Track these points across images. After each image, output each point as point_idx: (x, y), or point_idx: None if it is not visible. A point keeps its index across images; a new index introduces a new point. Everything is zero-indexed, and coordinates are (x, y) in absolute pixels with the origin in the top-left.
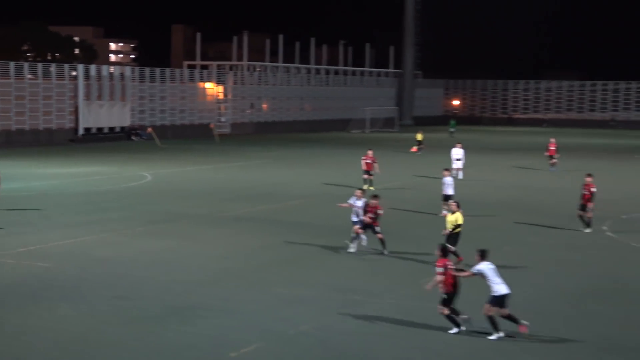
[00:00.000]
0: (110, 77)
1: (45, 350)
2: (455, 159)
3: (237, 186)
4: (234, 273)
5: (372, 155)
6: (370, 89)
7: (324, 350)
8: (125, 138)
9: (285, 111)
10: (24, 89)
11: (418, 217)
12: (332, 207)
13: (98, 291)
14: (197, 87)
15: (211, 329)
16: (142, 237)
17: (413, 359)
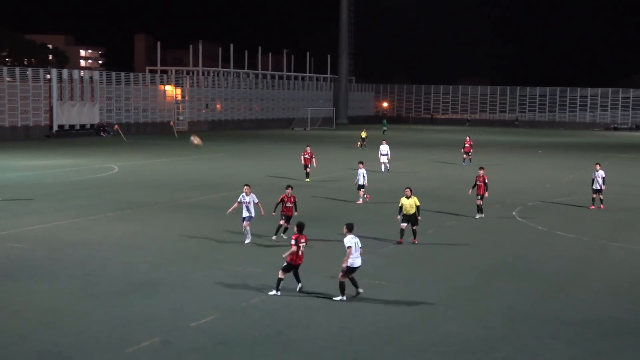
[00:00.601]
0: (81, 80)
1: (21, 322)
2: (381, 154)
3: (193, 177)
4: (190, 253)
5: (310, 151)
6: (311, 92)
7: (271, 320)
8: (94, 134)
9: (236, 111)
10: (4, 90)
11: (342, 204)
12: (276, 195)
13: (69, 270)
14: (158, 89)
15: (171, 303)
16: (109, 222)
17: (348, 327)
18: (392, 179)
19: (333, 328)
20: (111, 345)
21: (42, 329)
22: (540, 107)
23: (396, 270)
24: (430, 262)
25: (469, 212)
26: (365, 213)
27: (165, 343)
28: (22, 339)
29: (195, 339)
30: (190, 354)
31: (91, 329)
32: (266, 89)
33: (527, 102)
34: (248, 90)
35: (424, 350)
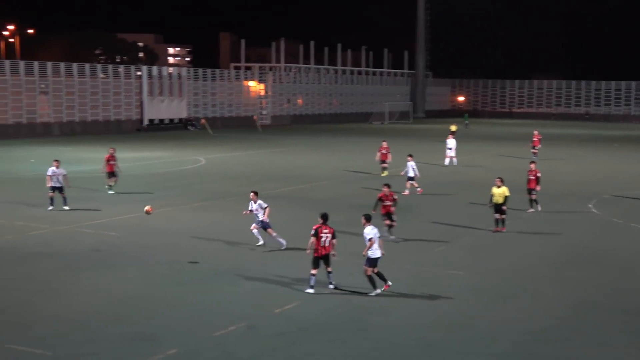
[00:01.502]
0: (169, 76)
1: (116, 305)
2: (447, 147)
3: (275, 169)
4: (273, 242)
5: (386, 145)
6: (388, 87)
7: (351, 307)
8: (182, 128)
9: (316, 105)
10: (98, 86)
11: (416, 197)
12: (353, 187)
13: (158, 257)
14: (242, 85)
15: (256, 290)
16: (196, 211)
17: (424, 314)
18: (457, 173)
19: (409, 315)
20: (200, 328)
21: (135, 312)
22: (616, 101)
23: (471, 260)
24: (505, 252)
25: (542, 205)
26: (442, 204)
27: (251, 328)
28: (117, 321)
29: (279, 324)
30: (274, 339)
31: (181, 312)
32: (345, 84)
33: (603, 96)
34: (328, 86)
35: (497, 338)
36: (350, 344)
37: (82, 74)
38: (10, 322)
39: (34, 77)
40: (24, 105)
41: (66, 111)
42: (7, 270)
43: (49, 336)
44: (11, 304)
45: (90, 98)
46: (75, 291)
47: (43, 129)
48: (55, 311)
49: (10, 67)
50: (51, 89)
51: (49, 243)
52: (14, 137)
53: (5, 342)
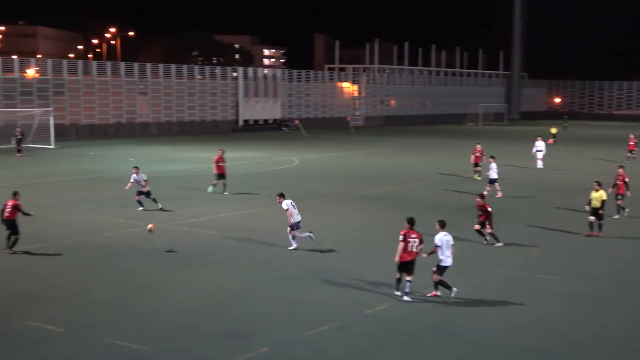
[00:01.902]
0: (265, 77)
1: (210, 302)
2: (536, 150)
3: (367, 170)
4: (365, 242)
5: (480, 148)
6: (482, 88)
7: (442, 310)
8: (276, 128)
9: (409, 107)
10: (195, 87)
11: (511, 201)
12: (446, 189)
13: (253, 255)
14: (336, 86)
15: (348, 290)
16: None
17: (517, 319)
18: (546, 176)
19: (502, 319)
20: (292, 327)
21: (229, 309)
22: None
23: (566, 265)
24: (600, 257)
25: (635, 210)
26: (534, 207)
27: (342, 328)
28: (211, 318)
29: (370, 325)
30: (365, 339)
31: (273, 311)
32: (439, 86)
33: None
34: (421, 87)
35: (592, 344)
36: (444, 347)
37: (180, 75)
38: (110, 317)
39: (134, 77)
40: (124, 106)
41: (164, 111)
42: (107, 266)
43: (146, 331)
44: (111, 299)
45: (188, 99)
46: (171, 288)
47: (142, 128)
48: (152, 307)
49: (111, 68)
50: (150, 89)
51: (147, 240)
52: (114, 136)
53: (105, 337)
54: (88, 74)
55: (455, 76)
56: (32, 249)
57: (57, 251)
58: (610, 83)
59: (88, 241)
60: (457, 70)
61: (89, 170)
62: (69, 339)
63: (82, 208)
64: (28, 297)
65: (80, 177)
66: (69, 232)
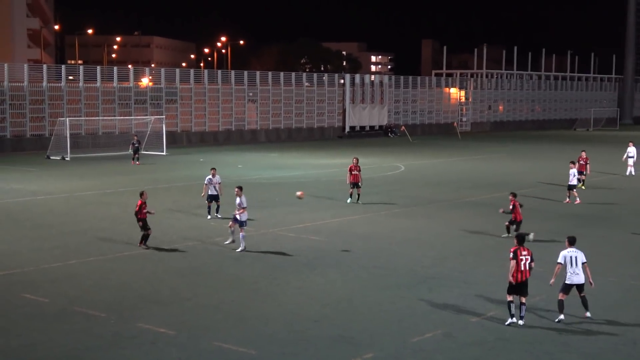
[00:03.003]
0: (371, 84)
1: (317, 308)
2: (628, 156)
3: (475, 176)
4: (472, 250)
5: (585, 156)
6: (594, 92)
7: (552, 318)
8: (382, 135)
9: (518, 112)
10: (302, 95)
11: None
12: (556, 194)
13: (360, 261)
14: (443, 92)
15: (454, 297)
16: (396, 217)
17: (631, 329)
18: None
19: (614, 331)
20: (398, 333)
21: (335, 315)
22: None
23: None
24: None
25: None
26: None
27: (448, 335)
28: (318, 323)
29: (477, 332)
30: (471, 347)
31: (380, 317)
32: (548, 90)
33: None
34: (530, 92)
35: None
36: (557, 357)
37: (288, 82)
38: (220, 321)
39: (243, 85)
40: (233, 113)
41: (272, 118)
42: (218, 270)
43: (255, 335)
44: (221, 303)
45: (295, 106)
46: (280, 293)
47: (250, 135)
48: (261, 311)
49: (221, 77)
50: (259, 97)
51: (255, 245)
52: (224, 143)
53: (214, 340)
54: (199, 82)
55: (566, 80)
56: (144, 254)
57: (169, 255)
58: None
59: (199, 245)
60: (568, 75)
61: (199, 176)
62: (179, 342)
63: (194, 213)
64: (142, 299)
65: (191, 183)
66: (181, 237)
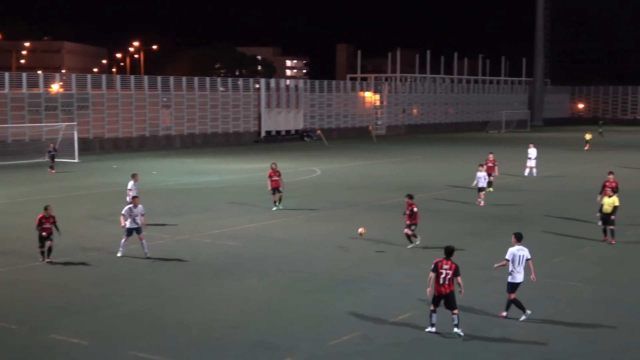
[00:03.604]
0: (287, 88)
1: (235, 314)
2: (529, 157)
3: (391, 179)
4: (389, 252)
5: (492, 158)
6: (505, 95)
7: (469, 318)
8: (298, 139)
9: (432, 115)
10: (217, 99)
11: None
12: (470, 196)
13: (278, 266)
14: (358, 96)
15: (372, 299)
16: (313, 221)
17: (544, 327)
18: (532, 183)
19: (530, 328)
20: (316, 337)
21: (254, 321)
22: None
23: (592, 272)
24: (626, 264)
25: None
26: (549, 215)
27: (366, 337)
28: (236, 329)
29: (394, 334)
30: (389, 349)
31: (298, 321)
32: (461, 93)
33: None
34: (444, 95)
35: (622, 352)
36: (471, 356)
37: (203, 87)
38: (136, 329)
39: (157, 91)
40: (147, 119)
41: (187, 124)
42: (133, 278)
43: (172, 343)
44: (138, 311)
45: (211, 111)
46: (197, 299)
47: (165, 141)
48: (178, 319)
49: (134, 82)
50: (173, 102)
51: (172, 252)
52: (138, 149)
53: (129, 349)
54: (112, 88)
55: (478, 83)
56: (59, 263)
57: (84, 264)
58: (634, 88)
59: (113, 254)
60: (480, 78)
61: (113, 183)
62: (94, 352)
63: (108, 221)
64: (56, 310)
65: (104, 190)
66: (96, 245)
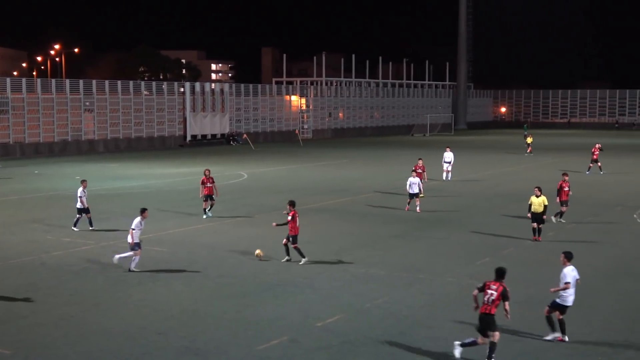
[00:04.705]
0: (212, 92)
1: (162, 320)
2: (444, 161)
3: (318, 182)
4: (317, 255)
5: (421, 164)
6: (430, 99)
7: (395, 320)
8: (225, 143)
9: (358, 119)
10: (141, 103)
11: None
12: (397, 199)
13: (205, 271)
14: (284, 100)
15: (299, 303)
16: (240, 226)
17: (469, 328)
18: (450, 187)
19: (455, 328)
20: (244, 342)
21: (181, 327)
22: None
23: (517, 272)
24: (551, 264)
25: (590, 215)
26: (476, 217)
27: (294, 341)
28: (163, 336)
29: (322, 337)
30: (317, 352)
31: (226, 327)
32: (386, 97)
33: None
34: (369, 99)
35: (546, 351)
36: (397, 357)
37: (127, 91)
38: (60, 338)
39: (79, 95)
40: (69, 123)
41: (110, 128)
42: (56, 285)
43: (97, 351)
44: (61, 319)
45: (134, 115)
46: (122, 306)
47: (88, 146)
48: (103, 326)
49: (55, 86)
50: (96, 106)
51: (96, 259)
52: (60, 154)
53: (55, 357)
54: (32, 92)
55: (403, 87)
56: None
57: (4, 272)
58: (555, 91)
59: (35, 261)
60: (405, 82)
61: (34, 189)
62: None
63: (28, 227)
64: None
65: (25, 197)
66: (16, 253)
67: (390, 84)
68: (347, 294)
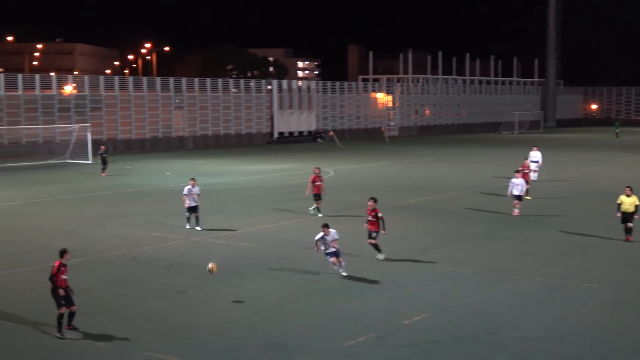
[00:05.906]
0: (299, 90)
1: (249, 314)
2: (532, 161)
3: (404, 180)
4: (404, 253)
5: (528, 164)
6: (518, 96)
7: (481, 320)
8: (311, 140)
9: (444, 116)
10: (230, 101)
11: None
12: (484, 197)
13: (291, 267)
14: (370, 97)
15: (385, 300)
16: (327, 222)
17: (558, 328)
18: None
19: (542, 329)
20: (330, 338)
21: (267, 322)
22: None
23: (606, 272)
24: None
25: None
26: (563, 215)
27: (380, 339)
28: (249, 330)
29: (408, 335)
30: (402, 350)
31: (312, 322)
32: (473, 94)
33: None
34: (456, 96)
35: (637, 353)
36: (484, 357)
37: (215, 89)
38: (149, 331)
39: (170, 92)
40: (160, 120)
41: (200, 125)
42: (146, 279)
43: (184, 344)
44: (150, 312)
45: (223, 112)
46: (210, 300)
47: (178, 142)
48: (191, 320)
49: (147, 84)
50: (186, 103)
51: (185, 253)
52: (151, 151)
53: (143, 350)
54: (124, 90)
55: (490, 84)
56: (71, 264)
57: (96, 266)
58: None
59: (126, 255)
60: (492, 79)
61: (126, 184)
62: (109, 353)
63: (120, 222)
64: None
65: (117, 192)
66: (108, 247)
67: (478, 80)
68: (433, 292)
